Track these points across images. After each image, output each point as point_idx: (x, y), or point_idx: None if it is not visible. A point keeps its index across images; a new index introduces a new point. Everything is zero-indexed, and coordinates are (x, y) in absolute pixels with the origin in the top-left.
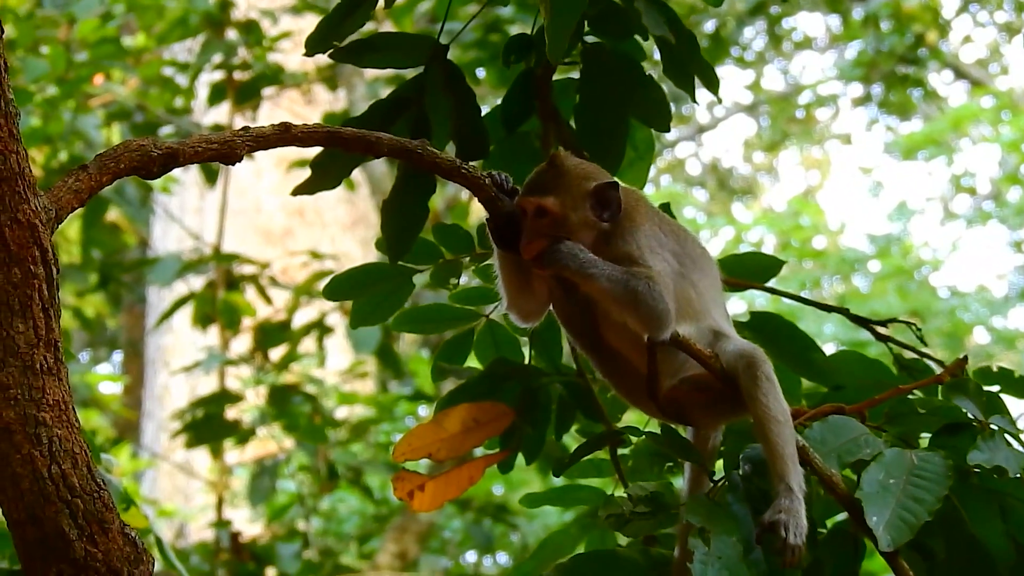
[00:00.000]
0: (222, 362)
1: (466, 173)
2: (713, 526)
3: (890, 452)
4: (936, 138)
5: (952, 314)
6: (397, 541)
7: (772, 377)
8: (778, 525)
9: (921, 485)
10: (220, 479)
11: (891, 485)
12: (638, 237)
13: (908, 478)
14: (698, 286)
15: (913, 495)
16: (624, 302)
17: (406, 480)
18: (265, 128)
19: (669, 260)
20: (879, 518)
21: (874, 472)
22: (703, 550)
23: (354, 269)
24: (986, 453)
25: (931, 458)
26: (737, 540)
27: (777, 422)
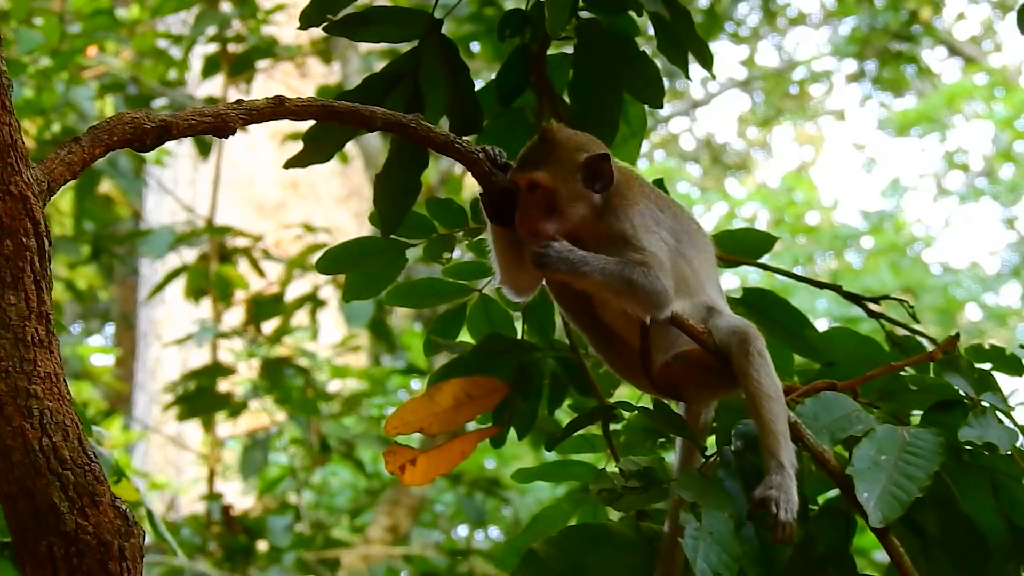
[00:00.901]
0: (214, 335)
1: (460, 148)
2: (705, 501)
3: (882, 428)
4: (929, 115)
5: (944, 291)
6: (389, 515)
7: (764, 353)
8: (769, 501)
9: (913, 461)
10: (212, 452)
11: (883, 461)
12: (632, 215)
13: (900, 454)
14: (693, 262)
15: (905, 471)
16: (621, 291)
17: (398, 454)
18: (259, 101)
19: (665, 238)
20: (870, 494)
21: (865, 448)
22: (694, 525)
23: (347, 243)
24: (977, 430)
25: (923, 434)
26: (729, 516)
27: (769, 398)
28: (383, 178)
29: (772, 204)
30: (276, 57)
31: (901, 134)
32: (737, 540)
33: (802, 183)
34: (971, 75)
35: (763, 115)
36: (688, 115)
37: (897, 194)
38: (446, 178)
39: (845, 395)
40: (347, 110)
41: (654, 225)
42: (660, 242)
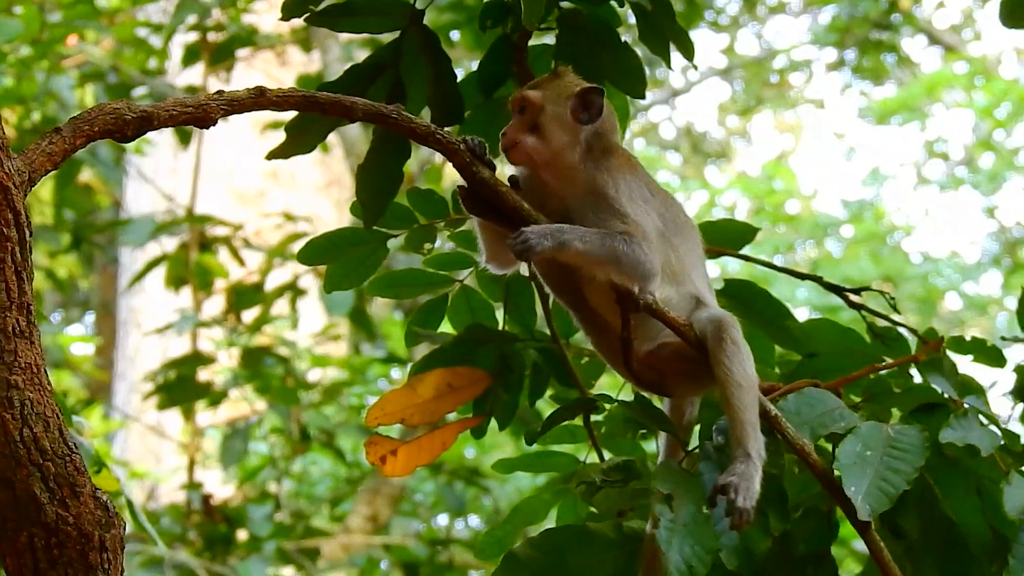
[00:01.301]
0: (194, 324)
1: (441, 138)
2: (682, 494)
3: (866, 425)
4: (909, 103)
5: (924, 279)
6: (369, 504)
7: (739, 341)
8: (729, 488)
9: (898, 456)
10: (192, 441)
11: (868, 457)
12: (619, 181)
13: (885, 450)
14: (679, 250)
15: (891, 466)
16: (604, 262)
17: (379, 445)
18: (240, 92)
19: (653, 217)
20: (857, 488)
21: (851, 444)
22: (668, 516)
23: (329, 233)
24: (959, 431)
25: (907, 431)
26: (706, 509)
27: (739, 386)
28: (365, 168)
29: (752, 193)
30: (256, 46)
31: (881, 123)
32: (713, 532)
33: (782, 172)
34: (951, 64)
35: (743, 104)
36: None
37: (877, 183)
38: (427, 167)
39: (828, 392)
40: (329, 101)
41: (642, 200)
42: (646, 215)
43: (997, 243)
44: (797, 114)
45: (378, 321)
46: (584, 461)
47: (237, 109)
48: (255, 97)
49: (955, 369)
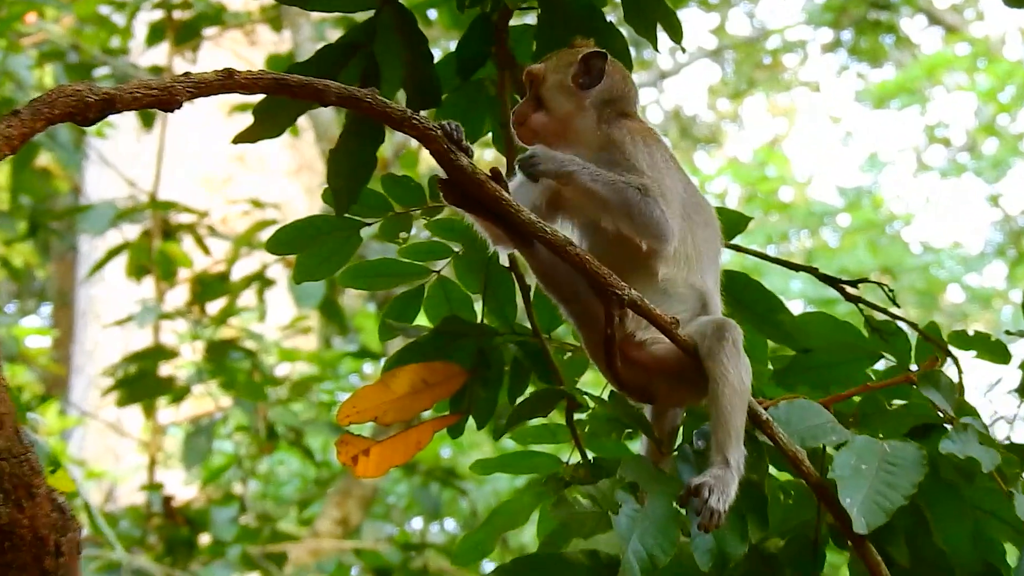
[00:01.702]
0: (157, 315)
1: (417, 124)
2: (653, 488)
3: (860, 439)
4: (909, 86)
5: (925, 271)
6: (339, 506)
7: (740, 348)
8: (703, 487)
9: (894, 472)
10: (153, 439)
11: (864, 470)
12: (639, 141)
13: (881, 464)
14: (698, 236)
15: (887, 481)
16: (613, 206)
17: (350, 444)
18: (207, 74)
19: (676, 184)
20: (853, 499)
21: (846, 456)
22: (632, 506)
23: (299, 221)
24: (958, 444)
25: (903, 447)
26: (674, 504)
27: (733, 388)
28: (337, 153)
29: (744, 179)
30: (224, 24)
31: (879, 107)
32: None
33: (775, 157)
34: (952, 45)
35: (734, 86)
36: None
37: (875, 169)
38: (402, 152)
39: (819, 404)
40: (300, 84)
41: (663, 163)
42: (667, 177)
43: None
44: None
45: (350, 313)
46: (566, 462)
47: (204, 92)
48: (223, 79)
49: (952, 386)
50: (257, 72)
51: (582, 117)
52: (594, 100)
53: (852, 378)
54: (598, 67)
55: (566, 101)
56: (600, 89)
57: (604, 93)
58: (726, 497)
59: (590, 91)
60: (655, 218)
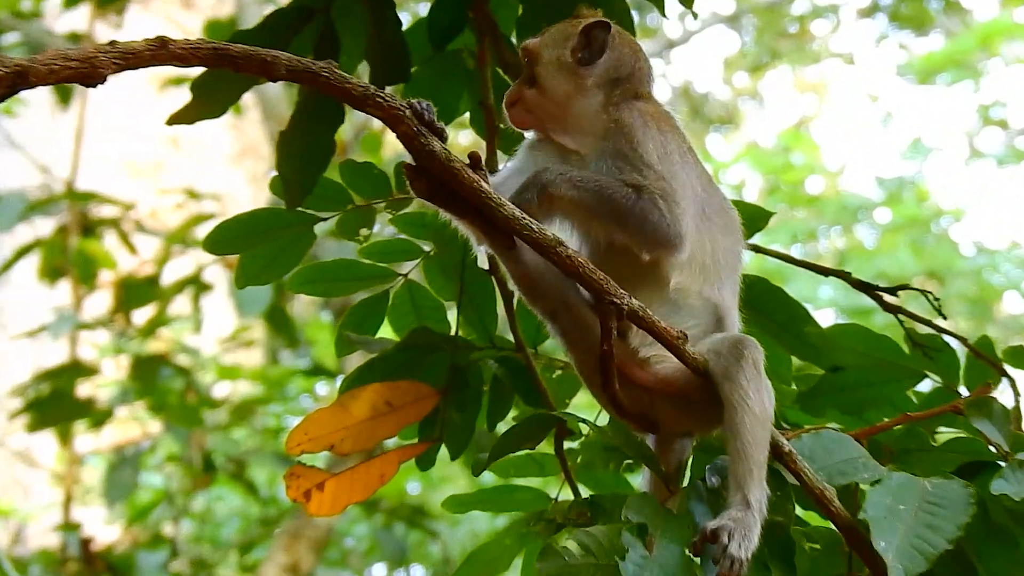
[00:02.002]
0: (74, 325)
1: (382, 102)
2: (660, 531)
3: (897, 475)
4: (960, 59)
5: (978, 276)
6: (288, 550)
7: (761, 367)
8: (722, 532)
9: (937, 513)
10: (69, 471)
11: (901, 511)
12: (651, 128)
13: (921, 504)
14: (717, 242)
15: (927, 522)
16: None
17: (301, 477)
18: (136, 43)
19: (692, 180)
20: (888, 543)
21: (880, 495)
22: (640, 552)
23: (242, 216)
24: (1013, 485)
25: (947, 485)
26: (686, 551)
27: (754, 416)
28: (288, 136)
29: (765, 167)
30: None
31: (924, 82)
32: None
33: (802, 142)
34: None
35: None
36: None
37: (919, 156)
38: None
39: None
40: (244, 55)
41: (678, 156)
42: (680, 173)
43: None
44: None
45: (301, 324)
46: (555, 498)
47: (133, 63)
48: (155, 49)
49: (1007, 414)
50: (195, 41)
51: (584, 98)
52: (598, 79)
53: (890, 401)
54: (600, 39)
55: (565, 80)
56: (604, 65)
57: (610, 70)
58: (748, 543)
59: (592, 67)
60: (653, 223)
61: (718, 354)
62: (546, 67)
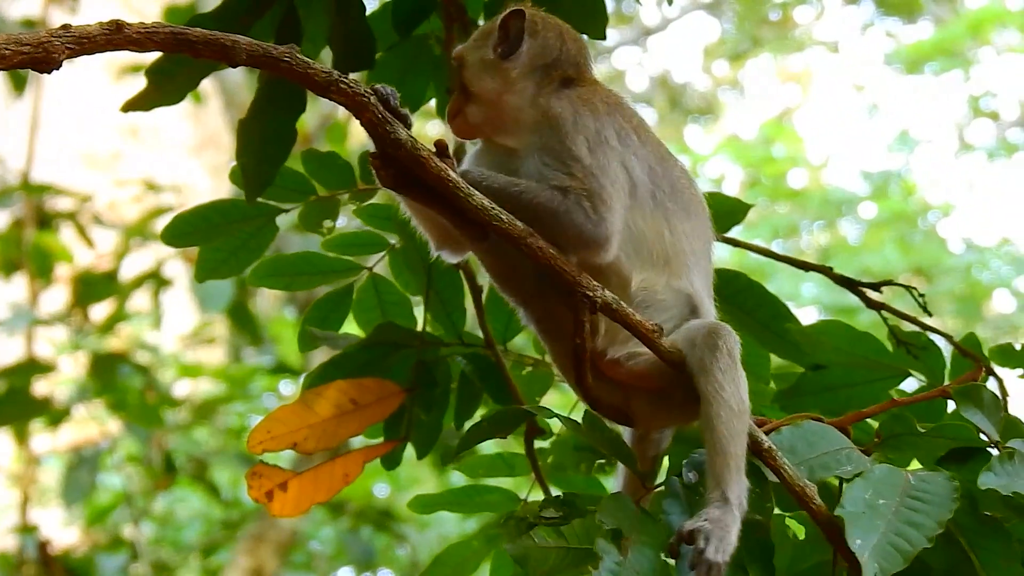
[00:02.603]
0: (30, 321)
1: (345, 88)
2: (636, 535)
3: (879, 468)
4: (949, 47)
5: (967, 273)
6: (251, 553)
7: (736, 356)
8: (698, 534)
9: (919, 508)
10: (25, 471)
11: (880, 505)
12: (582, 115)
13: (902, 499)
14: (677, 227)
15: (908, 518)
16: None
17: (264, 477)
18: (91, 27)
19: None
20: (864, 541)
21: (859, 489)
22: (615, 559)
23: (201, 207)
24: (1003, 477)
25: (932, 478)
26: (662, 555)
27: (729, 409)
28: (248, 124)
29: (746, 160)
30: None
31: (912, 72)
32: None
33: (784, 134)
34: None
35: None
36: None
37: (907, 149)
38: (327, 123)
39: (832, 428)
40: (203, 39)
41: (615, 143)
42: (610, 163)
43: None
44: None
45: (264, 320)
46: (525, 499)
47: (88, 48)
48: (110, 34)
49: (997, 403)
50: (151, 25)
51: (513, 93)
52: (523, 69)
53: (873, 401)
54: (516, 27)
55: (491, 79)
56: (528, 54)
57: (535, 58)
58: (726, 545)
59: (515, 59)
60: (577, 224)
61: (692, 344)
62: (472, 70)
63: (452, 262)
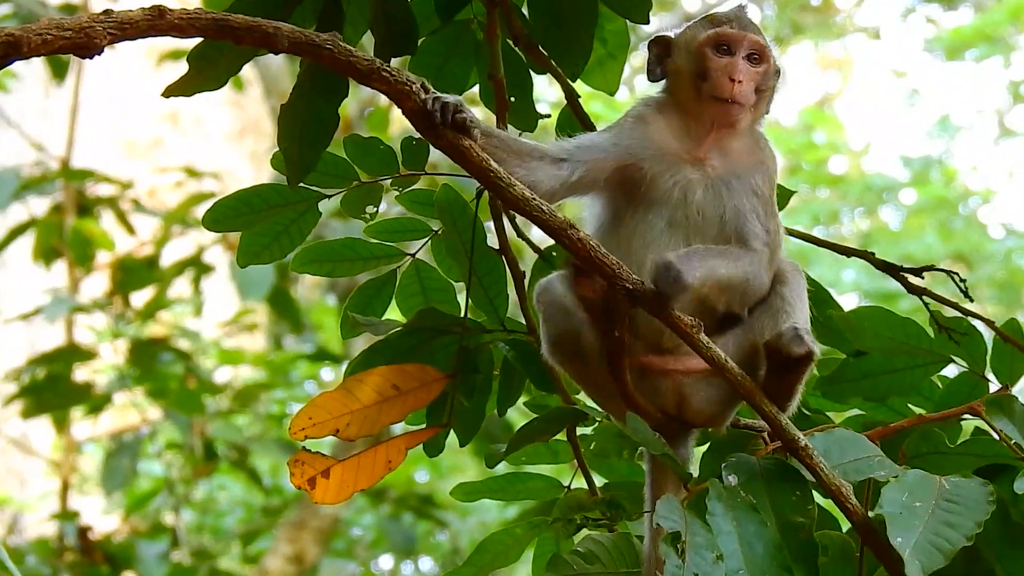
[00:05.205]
0: (70, 308)
1: (388, 76)
2: (691, 537)
3: (913, 473)
4: (990, 33)
5: (1007, 259)
6: (292, 540)
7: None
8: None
9: (955, 510)
10: (66, 458)
11: (917, 508)
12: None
13: (938, 502)
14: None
15: (945, 520)
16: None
17: (306, 464)
18: (134, 12)
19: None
20: (905, 539)
21: (895, 492)
22: (676, 563)
23: (243, 192)
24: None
25: (965, 483)
26: (717, 558)
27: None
28: (289, 110)
29: (787, 146)
30: None
31: (953, 58)
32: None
33: (825, 120)
34: None
35: (775, 32)
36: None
37: (947, 135)
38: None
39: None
40: (245, 25)
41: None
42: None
43: None
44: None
45: (305, 307)
46: (568, 486)
47: (130, 34)
48: (152, 19)
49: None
50: (193, 11)
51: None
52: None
53: (915, 387)
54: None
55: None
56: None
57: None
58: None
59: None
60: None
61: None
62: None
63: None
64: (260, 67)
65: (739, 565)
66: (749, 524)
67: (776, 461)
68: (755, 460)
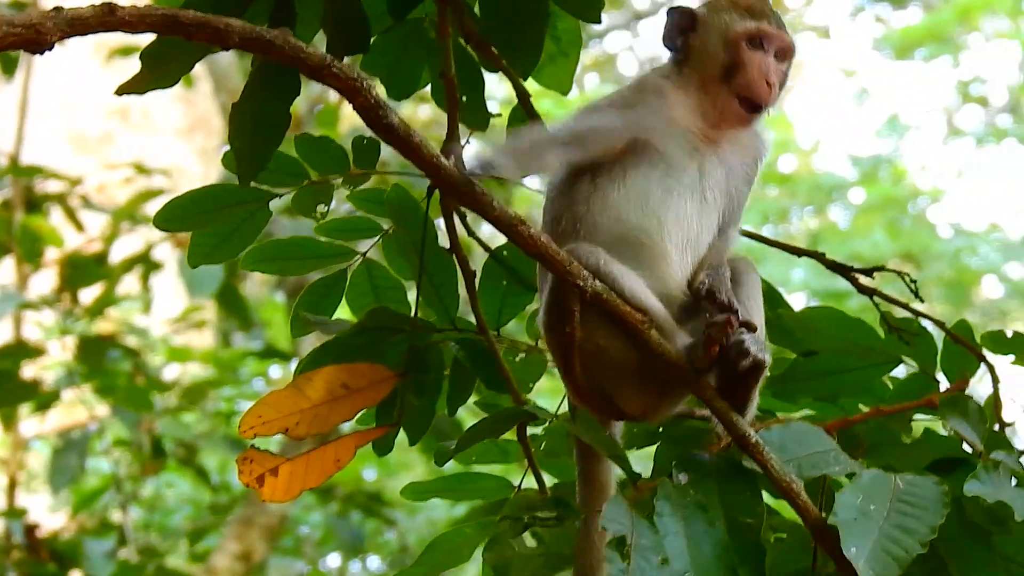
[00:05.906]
0: (18, 305)
1: (339, 72)
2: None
3: (869, 473)
4: (938, 33)
5: (956, 259)
6: (240, 538)
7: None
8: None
9: (909, 513)
10: (13, 456)
11: (872, 512)
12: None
13: (893, 504)
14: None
15: (900, 523)
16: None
17: (254, 462)
18: (83, 9)
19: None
20: (859, 549)
21: (850, 496)
22: (620, 566)
23: (194, 192)
24: (988, 486)
25: (920, 482)
26: (663, 561)
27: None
28: (240, 108)
29: None
30: None
31: (902, 57)
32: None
33: (774, 119)
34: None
35: None
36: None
37: (896, 134)
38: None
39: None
40: (195, 22)
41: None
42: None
43: None
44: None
45: (254, 304)
46: (519, 486)
47: (79, 30)
48: (102, 15)
49: (982, 413)
50: (145, 8)
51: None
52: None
53: (865, 387)
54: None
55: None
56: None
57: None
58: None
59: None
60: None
61: None
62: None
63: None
64: (210, 63)
65: (685, 566)
66: (697, 524)
67: (728, 459)
68: (707, 457)
